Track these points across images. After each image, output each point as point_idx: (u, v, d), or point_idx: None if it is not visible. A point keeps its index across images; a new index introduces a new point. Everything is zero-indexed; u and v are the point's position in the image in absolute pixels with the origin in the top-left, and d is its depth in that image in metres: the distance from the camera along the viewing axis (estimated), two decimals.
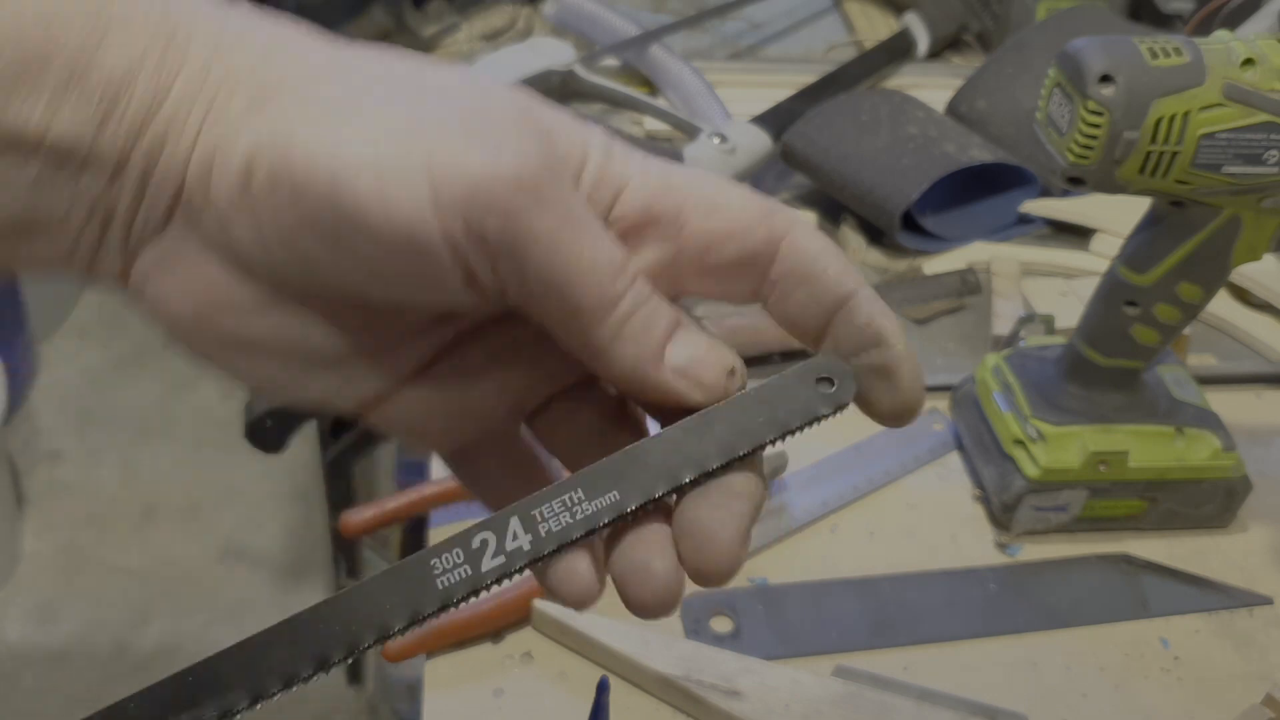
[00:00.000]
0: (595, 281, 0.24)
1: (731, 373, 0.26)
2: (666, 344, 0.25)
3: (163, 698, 0.23)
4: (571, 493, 0.24)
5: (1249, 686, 0.51)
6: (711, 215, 0.25)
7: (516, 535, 0.24)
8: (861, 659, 0.51)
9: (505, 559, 0.24)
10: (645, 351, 0.25)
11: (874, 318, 0.25)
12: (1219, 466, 0.56)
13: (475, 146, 0.23)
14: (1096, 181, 0.48)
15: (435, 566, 0.24)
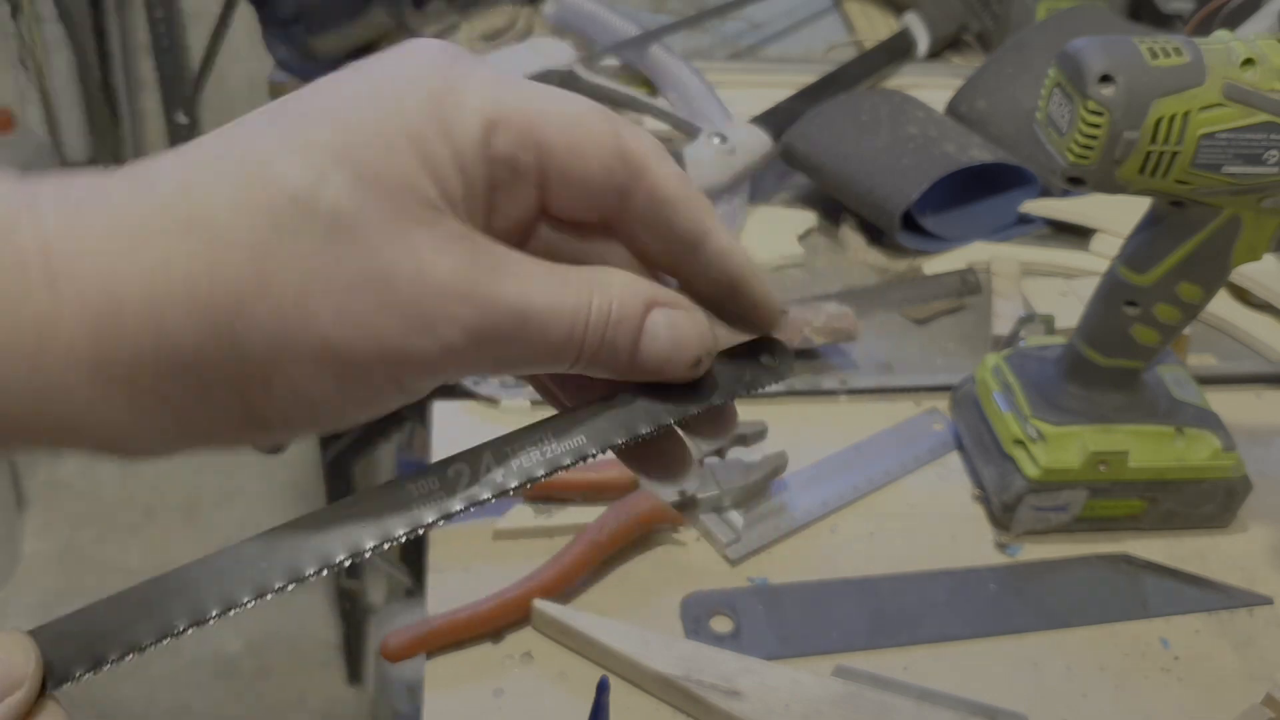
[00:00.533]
0: (553, 317, 0.25)
1: (696, 363, 0.27)
2: (636, 352, 0.26)
3: (133, 602, 0.23)
4: (542, 434, 0.27)
5: (1249, 686, 0.51)
6: (572, 128, 0.25)
7: (490, 468, 0.27)
8: (861, 659, 0.51)
9: (476, 488, 0.26)
10: (620, 367, 0.26)
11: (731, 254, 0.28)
12: (1219, 466, 0.56)
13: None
14: (1096, 181, 0.48)
15: (410, 491, 0.26)
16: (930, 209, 0.76)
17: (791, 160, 0.79)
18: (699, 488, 0.55)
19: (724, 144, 0.75)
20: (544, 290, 0.25)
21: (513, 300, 0.24)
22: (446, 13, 0.96)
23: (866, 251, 0.77)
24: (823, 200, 0.80)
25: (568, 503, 0.55)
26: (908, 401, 0.65)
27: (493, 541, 0.54)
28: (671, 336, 0.27)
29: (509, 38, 0.98)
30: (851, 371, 0.67)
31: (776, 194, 0.82)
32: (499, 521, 0.55)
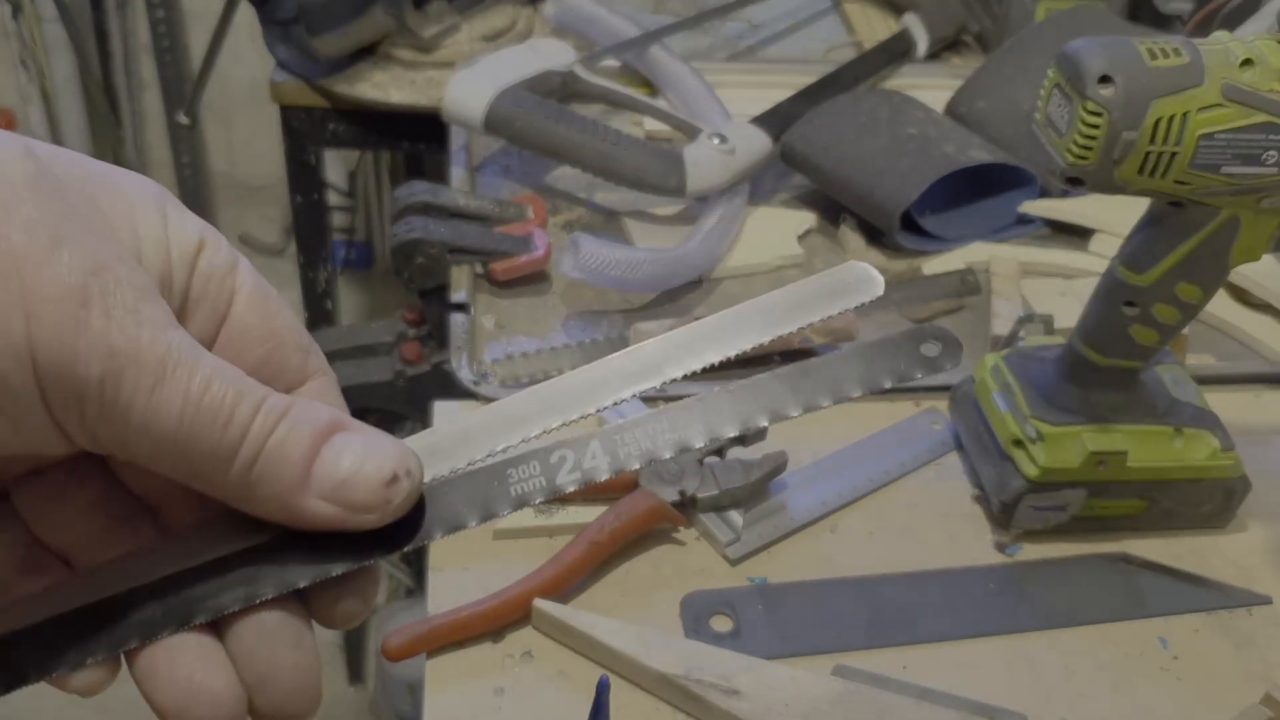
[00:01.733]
0: (207, 430, 0.22)
1: (393, 481, 0.24)
2: (311, 465, 0.23)
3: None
4: (655, 423, 0.26)
5: (1248, 686, 0.51)
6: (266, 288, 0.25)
7: (595, 455, 0.26)
8: (861, 658, 0.51)
9: (581, 475, 0.26)
10: (284, 487, 0.23)
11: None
12: (1217, 466, 0.56)
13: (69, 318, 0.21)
14: (1095, 182, 0.48)
15: (510, 475, 0.26)
16: (930, 209, 0.76)
17: (791, 161, 0.79)
18: (699, 487, 0.55)
19: (724, 144, 0.75)
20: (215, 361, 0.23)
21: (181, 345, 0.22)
22: (447, 13, 0.97)
23: (866, 252, 0.77)
24: (822, 201, 0.80)
25: (568, 502, 0.55)
26: (907, 401, 0.65)
27: (493, 541, 0.54)
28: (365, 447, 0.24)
29: (509, 38, 0.98)
30: None
31: (776, 194, 0.82)
32: (499, 521, 0.55)
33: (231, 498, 0.24)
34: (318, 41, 0.91)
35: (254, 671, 0.24)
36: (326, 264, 1.11)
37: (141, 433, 0.22)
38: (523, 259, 0.70)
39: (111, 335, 0.21)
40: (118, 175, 0.24)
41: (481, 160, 0.84)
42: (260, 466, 0.23)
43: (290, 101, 0.99)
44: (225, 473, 0.23)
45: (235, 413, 0.23)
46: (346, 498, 0.24)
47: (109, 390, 0.22)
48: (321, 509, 0.24)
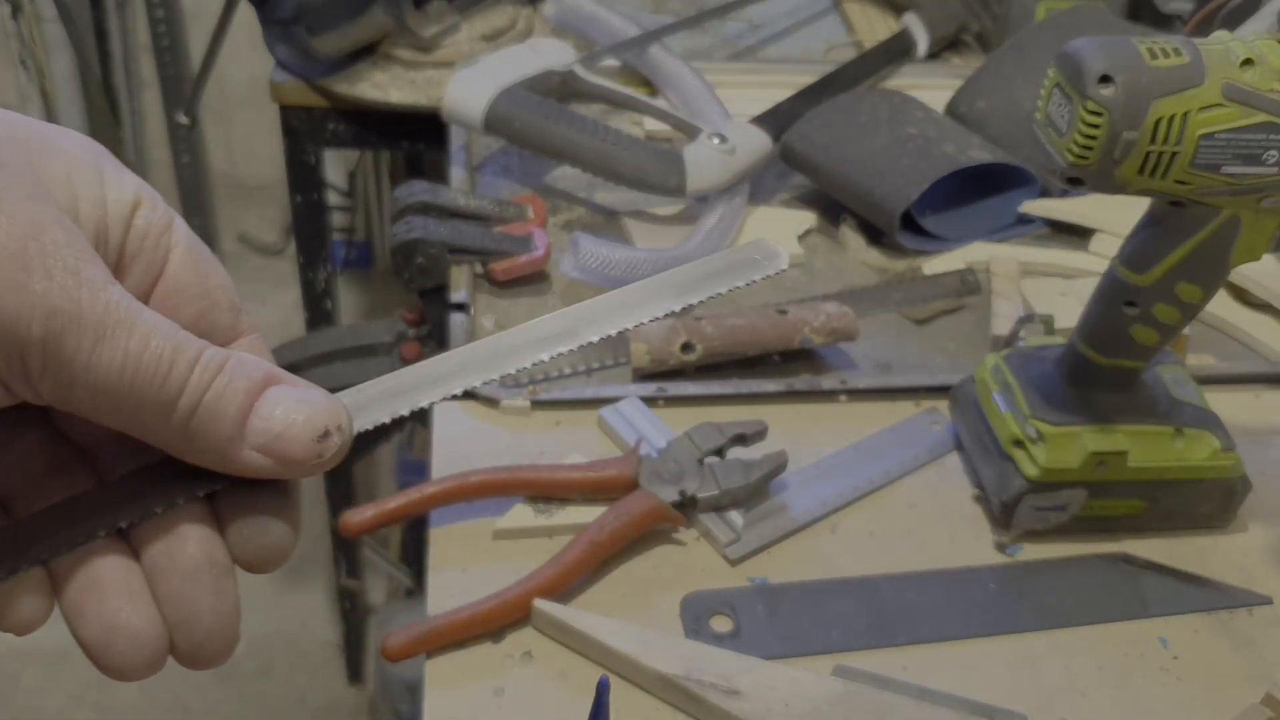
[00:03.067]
0: (147, 385, 0.23)
1: (324, 435, 0.25)
2: (246, 418, 0.24)
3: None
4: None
5: (1248, 686, 0.51)
6: (200, 247, 0.26)
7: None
8: (861, 658, 0.51)
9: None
10: (220, 439, 0.24)
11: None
12: (1218, 466, 0.56)
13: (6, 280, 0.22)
14: (1096, 182, 0.48)
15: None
16: (930, 209, 0.76)
17: (791, 160, 0.79)
18: (699, 487, 0.55)
19: (724, 144, 0.75)
20: (153, 317, 0.23)
21: (120, 302, 0.23)
22: (447, 13, 0.97)
23: (866, 252, 0.77)
24: (822, 200, 0.80)
25: (568, 502, 0.55)
26: (907, 401, 0.65)
27: (493, 541, 0.54)
28: (298, 401, 0.25)
29: (509, 38, 0.98)
30: (851, 371, 0.67)
31: (776, 194, 0.82)
32: (499, 521, 0.55)
33: (170, 447, 0.24)
34: (317, 41, 0.91)
35: (176, 612, 0.25)
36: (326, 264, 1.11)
37: (84, 388, 0.23)
38: (522, 259, 0.70)
39: (52, 296, 0.22)
40: (56, 135, 0.25)
41: (481, 160, 0.84)
42: (198, 419, 0.24)
43: (290, 101, 0.99)
44: (165, 424, 0.24)
45: (173, 367, 0.23)
46: (280, 451, 0.25)
47: (51, 349, 0.22)
48: (255, 460, 0.25)
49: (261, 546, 0.26)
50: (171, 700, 1.43)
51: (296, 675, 1.48)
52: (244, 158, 2.03)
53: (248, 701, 1.44)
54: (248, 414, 0.24)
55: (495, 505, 0.55)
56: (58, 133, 0.25)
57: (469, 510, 0.55)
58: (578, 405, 0.62)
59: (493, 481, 0.54)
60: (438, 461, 0.58)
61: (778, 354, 0.67)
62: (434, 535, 0.55)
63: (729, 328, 0.64)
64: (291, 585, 1.57)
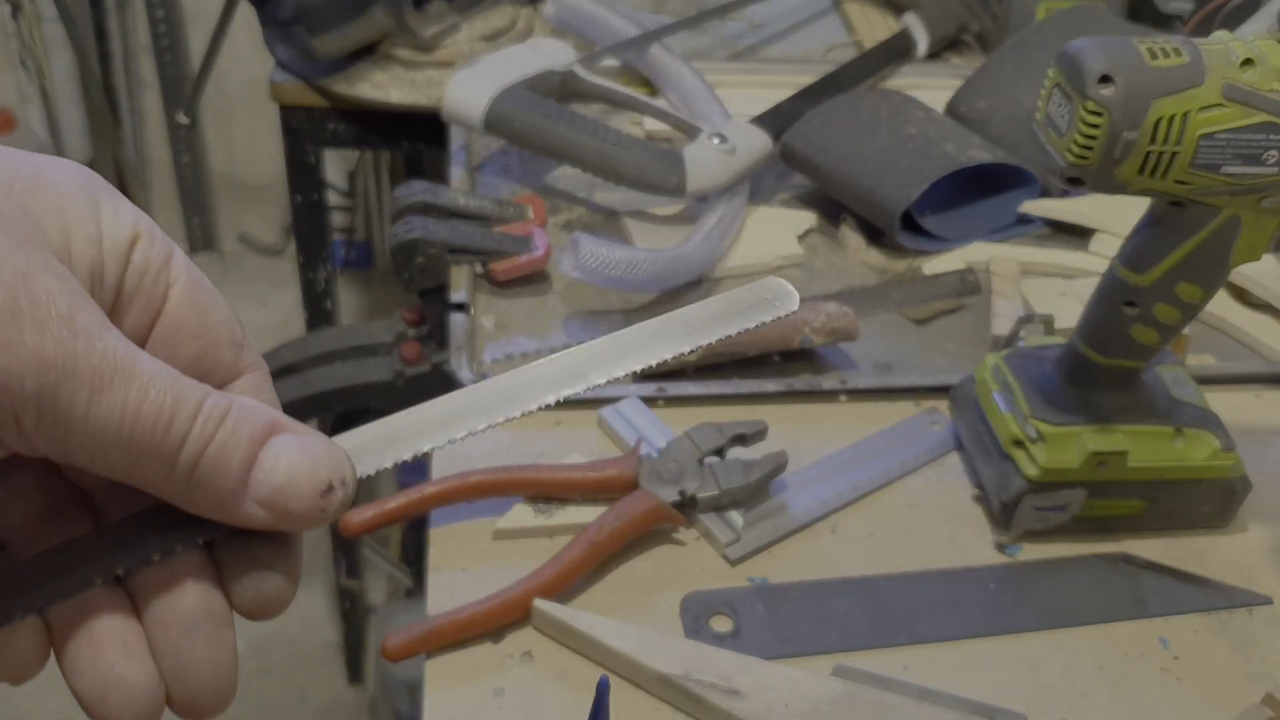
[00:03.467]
0: (147, 437, 0.22)
1: (328, 490, 0.24)
2: (249, 471, 0.24)
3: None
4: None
5: (1248, 686, 0.51)
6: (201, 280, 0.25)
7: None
8: (861, 658, 0.51)
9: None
10: (223, 492, 0.24)
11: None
12: (1218, 466, 0.56)
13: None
14: (1096, 182, 0.48)
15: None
16: (930, 209, 0.76)
17: (791, 160, 0.79)
18: (699, 487, 0.55)
19: (724, 144, 0.75)
20: (151, 365, 0.23)
21: (117, 351, 0.22)
22: (447, 13, 0.97)
23: (866, 252, 0.77)
24: (822, 200, 0.80)
25: (568, 503, 0.55)
26: (907, 401, 0.65)
27: (493, 541, 0.54)
28: (301, 453, 0.24)
29: (509, 38, 0.98)
30: (851, 371, 0.67)
31: (776, 194, 0.82)
32: (499, 521, 0.55)
33: (171, 498, 0.24)
34: (317, 41, 0.91)
35: (172, 664, 0.24)
36: (326, 264, 1.11)
37: (81, 441, 0.22)
38: (522, 259, 0.70)
39: (45, 349, 0.21)
40: (45, 167, 0.24)
41: (481, 160, 0.84)
42: (200, 472, 0.23)
43: (290, 101, 0.99)
44: (166, 477, 0.23)
45: (174, 418, 0.23)
46: (282, 505, 0.24)
47: (46, 403, 0.22)
48: (257, 514, 0.24)
49: (260, 595, 0.25)
50: None
51: (296, 675, 1.48)
52: (244, 158, 2.03)
53: (247, 701, 1.44)
54: (251, 466, 0.24)
55: (495, 505, 0.55)
56: (47, 164, 0.24)
57: (469, 510, 0.55)
58: (577, 405, 0.62)
59: (493, 481, 0.54)
60: (438, 462, 0.58)
61: (778, 354, 0.67)
62: (434, 535, 0.55)
63: None
64: None
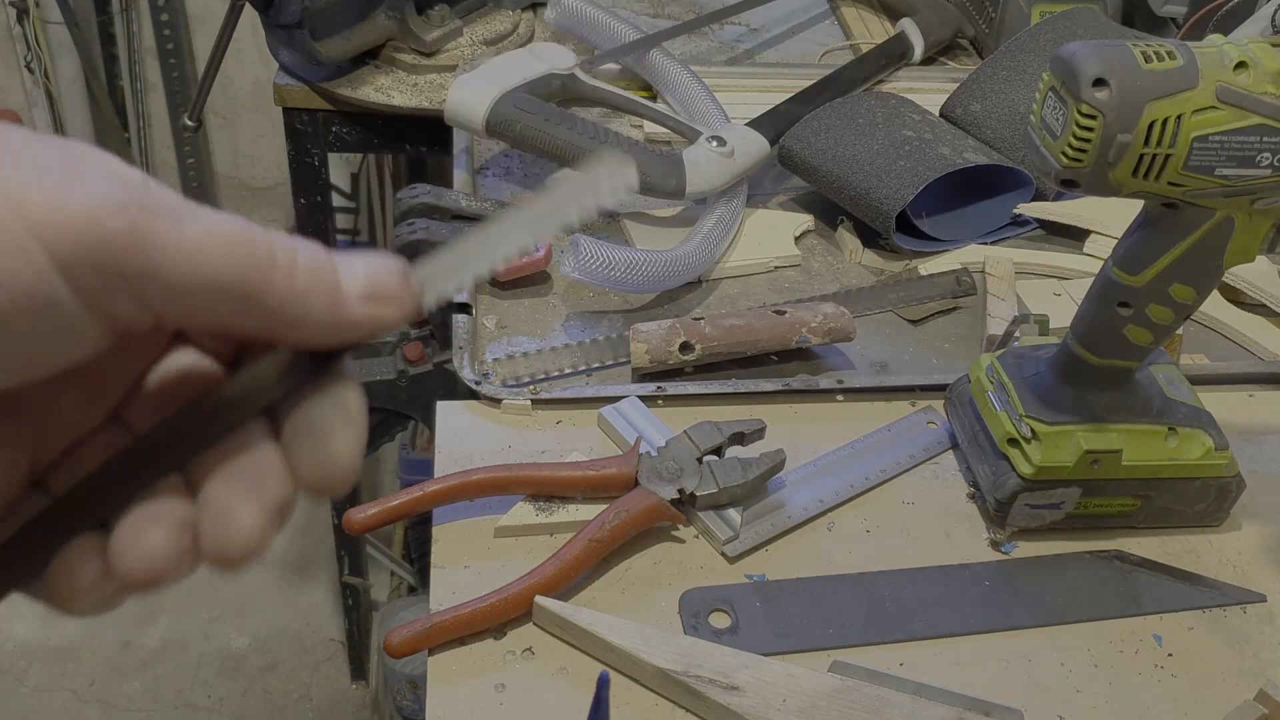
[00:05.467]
0: (245, 252, 0.22)
1: (405, 275, 0.25)
2: (338, 274, 0.24)
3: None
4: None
5: (1242, 683, 0.51)
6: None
7: None
8: (858, 654, 0.51)
9: None
10: (329, 294, 0.23)
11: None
12: (1212, 465, 0.56)
13: (68, 188, 0.21)
14: (1090, 184, 0.48)
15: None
16: (926, 211, 0.77)
17: (788, 163, 0.80)
18: (698, 485, 0.55)
19: (722, 147, 0.76)
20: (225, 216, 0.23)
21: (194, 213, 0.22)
22: (449, 17, 0.97)
23: (863, 253, 0.77)
24: (819, 202, 0.80)
25: (568, 500, 0.56)
26: (903, 401, 0.65)
27: (494, 539, 0.55)
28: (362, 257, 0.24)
29: (510, 42, 0.99)
30: (848, 371, 0.67)
31: (774, 196, 0.82)
32: (501, 519, 0.55)
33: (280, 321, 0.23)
34: (321, 45, 0.92)
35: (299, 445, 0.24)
36: None
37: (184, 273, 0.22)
38: (523, 260, 0.71)
39: (114, 192, 0.21)
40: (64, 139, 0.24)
41: (483, 163, 0.84)
42: (301, 278, 0.23)
43: (294, 105, 0.99)
44: (271, 291, 0.23)
45: (254, 237, 0.23)
46: (380, 293, 0.24)
47: (137, 240, 0.21)
48: (364, 311, 0.24)
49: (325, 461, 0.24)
50: (176, 695, 1.44)
51: (300, 671, 1.48)
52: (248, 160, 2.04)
53: (252, 697, 1.45)
54: (337, 271, 0.24)
55: (497, 503, 0.56)
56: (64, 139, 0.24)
57: (471, 508, 0.56)
58: (578, 404, 0.62)
59: (494, 480, 0.55)
60: (440, 460, 0.58)
61: (776, 354, 0.67)
62: (437, 533, 0.55)
63: (727, 328, 0.65)
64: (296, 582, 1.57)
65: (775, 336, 0.65)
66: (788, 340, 0.66)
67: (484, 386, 0.62)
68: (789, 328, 0.65)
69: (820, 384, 0.65)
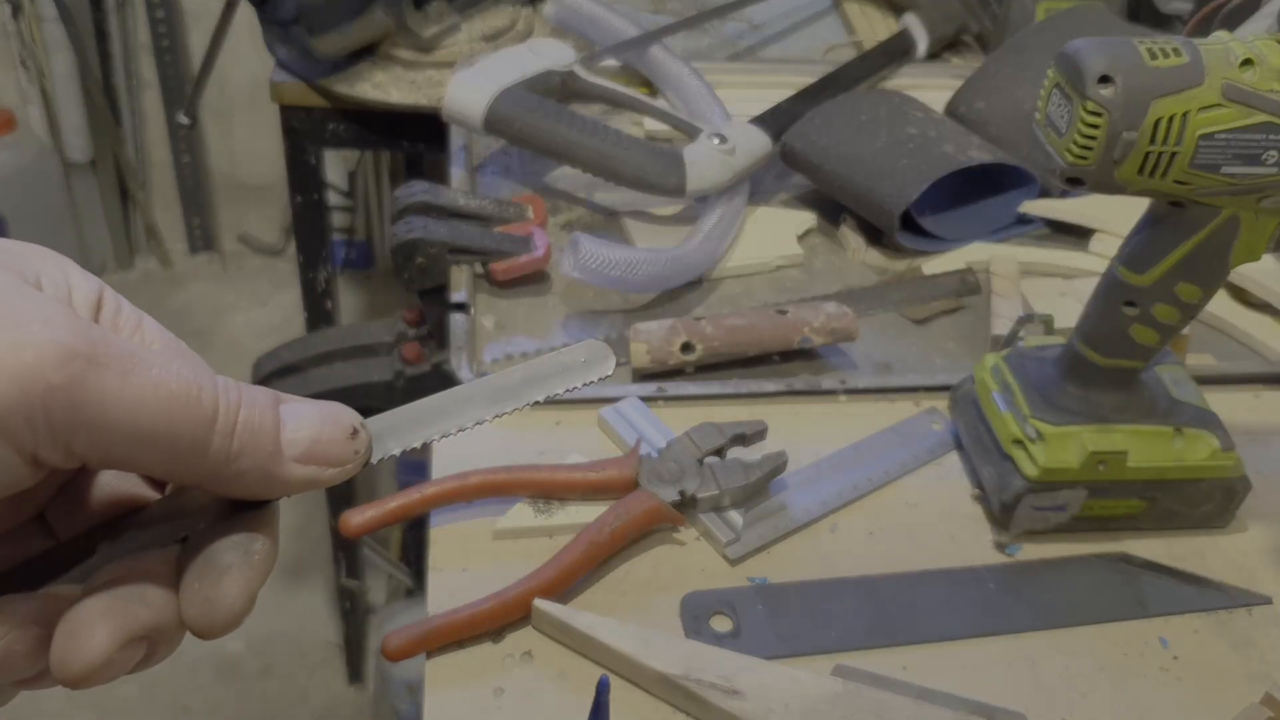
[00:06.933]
0: (187, 411, 0.22)
1: (355, 432, 0.25)
2: (280, 433, 0.24)
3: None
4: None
5: (1248, 686, 0.51)
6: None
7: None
8: (860, 658, 0.51)
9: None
10: (265, 456, 0.24)
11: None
12: (1218, 466, 0.56)
13: (11, 336, 0.21)
14: (1095, 182, 0.48)
15: None
16: (929, 209, 0.76)
17: (791, 161, 0.79)
18: (699, 487, 0.55)
19: (724, 144, 0.75)
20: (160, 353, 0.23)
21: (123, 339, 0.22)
22: (447, 13, 0.97)
23: (866, 252, 0.77)
24: (822, 200, 0.80)
25: (568, 503, 0.55)
26: (907, 401, 0.65)
27: (493, 541, 0.54)
28: (315, 409, 0.24)
29: (509, 38, 0.98)
30: (851, 371, 0.67)
31: (776, 194, 0.82)
32: (499, 521, 0.55)
33: (210, 477, 0.24)
34: (318, 42, 0.91)
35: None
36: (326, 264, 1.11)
37: (119, 427, 0.22)
38: (523, 259, 0.70)
39: (61, 338, 0.21)
40: (21, 245, 0.24)
41: (481, 160, 0.84)
42: (238, 440, 0.23)
43: (290, 101, 0.99)
44: (206, 448, 0.23)
45: (201, 390, 0.23)
46: (321, 455, 0.24)
47: (76, 393, 0.21)
48: (299, 472, 0.24)
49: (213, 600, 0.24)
50: (171, 700, 1.43)
51: (297, 675, 1.48)
52: (244, 158, 2.03)
53: (248, 701, 1.44)
54: (279, 428, 0.24)
55: (495, 505, 0.55)
56: (21, 244, 0.24)
57: (469, 510, 0.55)
58: (578, 405, 0.62)
59: (493, 482, 0.54)
60: (438, 462, 0.58)
61: (778, 354, 0.67)
62: (434, 535, 0.55)
63: (729, 328, 0.64)
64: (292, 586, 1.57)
65: (777, 336, 0.65)
66: (790, 340, 0.65)
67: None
68: (791, 327, 0.65)
69: (823, 384, 0.65)
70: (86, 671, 0.23)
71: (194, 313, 2.00)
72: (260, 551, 0.25)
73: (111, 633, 0.23)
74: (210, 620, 0.24)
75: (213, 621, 0.24)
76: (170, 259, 2.06)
